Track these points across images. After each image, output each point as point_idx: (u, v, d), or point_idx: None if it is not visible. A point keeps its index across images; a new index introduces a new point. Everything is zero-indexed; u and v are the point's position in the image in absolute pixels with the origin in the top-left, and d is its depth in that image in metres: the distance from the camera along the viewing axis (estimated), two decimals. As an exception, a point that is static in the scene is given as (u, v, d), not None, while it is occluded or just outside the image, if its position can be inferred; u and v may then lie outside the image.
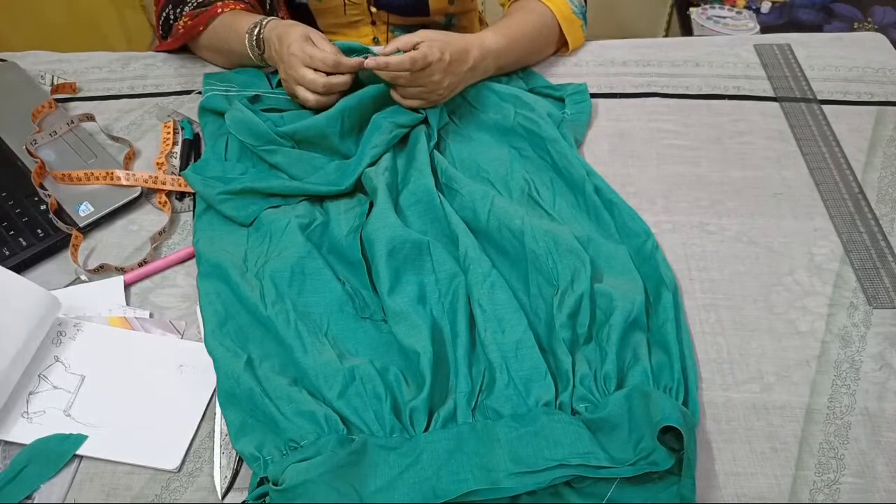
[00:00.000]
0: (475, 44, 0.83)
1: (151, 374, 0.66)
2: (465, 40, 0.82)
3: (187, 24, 0.92)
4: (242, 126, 0.81)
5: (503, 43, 0.87)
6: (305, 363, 0.62)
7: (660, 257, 0.71)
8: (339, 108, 0.80)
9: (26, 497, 0.58)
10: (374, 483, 0.56)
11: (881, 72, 0.95)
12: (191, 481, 0.60)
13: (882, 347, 0.67)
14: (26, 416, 0.63)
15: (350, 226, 0.74)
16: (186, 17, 0.93)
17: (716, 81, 0.94)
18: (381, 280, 0.68)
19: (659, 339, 0.65)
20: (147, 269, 0.74)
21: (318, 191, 0.78)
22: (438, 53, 0.77)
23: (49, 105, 0.90)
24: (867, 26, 1.70)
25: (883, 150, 0.85)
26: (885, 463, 0.60)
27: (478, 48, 0.83)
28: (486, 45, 0.85)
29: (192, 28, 0.92)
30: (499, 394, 0.61)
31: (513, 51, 0.89)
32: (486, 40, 0.85)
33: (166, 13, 0.95)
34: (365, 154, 0.78)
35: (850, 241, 0.75)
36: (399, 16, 1.03)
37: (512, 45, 0.88)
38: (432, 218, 0.75)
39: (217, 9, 0.90)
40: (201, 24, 0.91)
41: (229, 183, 0.77)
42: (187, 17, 0.93)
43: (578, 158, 0.80)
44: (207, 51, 0.96)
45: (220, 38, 0.91)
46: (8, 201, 0.80)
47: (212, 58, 0.97)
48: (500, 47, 0.87)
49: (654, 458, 0.55)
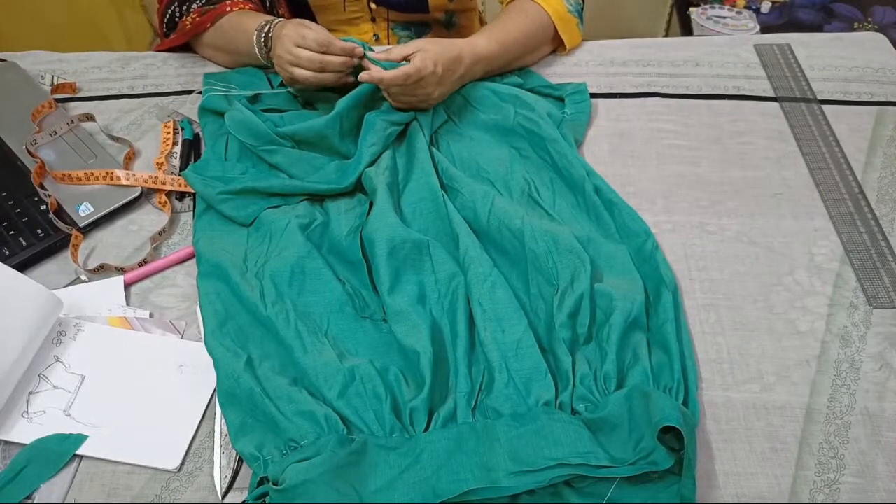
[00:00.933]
0: (467, 51, 0.84)
1: (151, 374, 0.66)
2: (457, 48, 0.83)
3: (195, 21, 0.93)
4: (242, 126, 0.81)
5: (494, 49, 0.88)
6: (305, 363, 0.62)
7: (660, 257, 0.71)
8: (337, 110, 0.81)
9: (26, 497, 0.58)
10: (374, 483, 0.56)
11: (881, 72, 0.95)
12: (191, 481, 0.60)
13: (882, 347, 0.67)
14: (26, 416, 0.63)
15: (350, 226, 0.74)
16: (195, 13, 0.93)
17: (716, 81, 0.94)
18: (382, 279, 0.68)
19: (659, 339, 0.65)
20: (147, 269, 0.74)
21: (318, 189, 0.78)
22: (432, 66, 0.78)
23: (49, 105, 0.90)
24: (867, 26, 1.70)
25: (883, 150, 0.85)
26: (885, 463, 0.60)
27: (469, 55, 0.84)
28: (478, 52, 0.86)
29: (199, 24, 0.92)
30: (499, 393, 0.61)
31: (503, 56, 0.90)
32: (477, 47, 0.86)
33: (171, 10, 0.95)
34: (364, 153, 0.79)
35: (850, 241, 0.75)
36: (399, 12, 1.03)
37: (503, 51, 0.89)
38: (434, 217, 0.75)
39: (226, 7, 0.91)
40: (209, 20, 0.92)
41: (229, 183, 0.77)
42: (195, 14, 0.93)
43: (578, 158, 0.80)
44: (210, 49, 0.96)
45: (226, 35, 0.92)
46: (8, 201, 0.80)
47: (213, 56, 0.97)
48: (492, 54, 0.87)
49: (654, 458, 0.55)
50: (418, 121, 0.84)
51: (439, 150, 0.83)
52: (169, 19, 0.97)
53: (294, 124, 0.82)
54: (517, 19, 0.92)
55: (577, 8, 0.96)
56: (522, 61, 0.94)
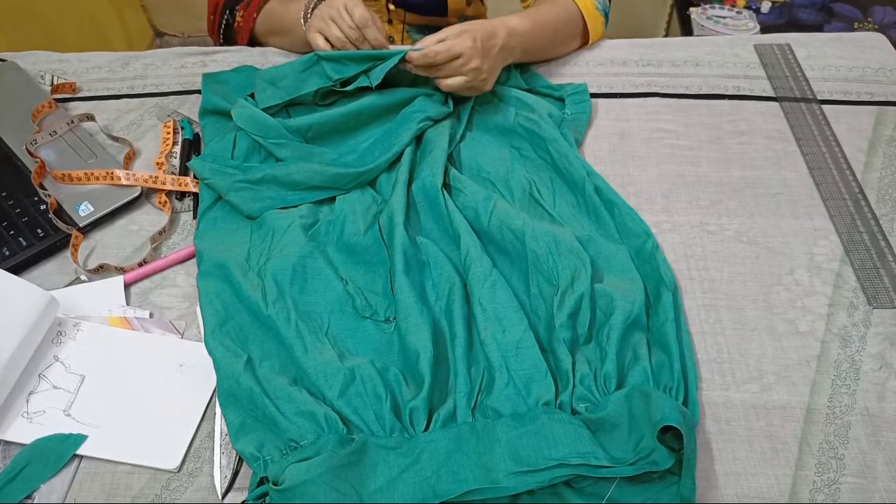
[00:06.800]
0: (499, 25, 0.84)
1: (151, 374, 0.66)
2: (489, 23, 0.83)
3: (244, 17, 0.97)
4: (251, 120, 0.81)
5: (528, 26, 0.87)
6: (306, 363, 0.62)
7: (660, 257, 0.71)
8: (353, 106, 0.81)
9: (26, 497, 0.58)
10: (374, 483, 0.56)
11: (881, 72, 0.95)
12: (191, 481, 0.60)
13: (882, 347, 0.67)
14: (26, 416, 0.63)
15: (367, 225, 0.74)
16: (239, 10, 0.99)
17: (716, 81, 0.94)
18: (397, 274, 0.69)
19: (659, 338, 0.65)
20: (147, 269, 0.74)
21: (335, 172, 0.77)
22: (470, 41, 0.78)
23: (49, 105, 0.90)
24: (867, 26, 1.70)
25: (883, 150, 0.85)
26: (885, 463, 0.60)
27: (503, 28, 0.84)
28: (511, 25, 0.85)
29: (248, 18, 0.97)
30: (498, 393, 0.61)
31: (539, 36, 0.90)
32: (509, 22, 0.86)
33: (225, 20, 1.00)
34: (392, 143, 0.79)
35: (850, 241, 0.75)
36: (417, 14, 1.04)
37: (536, 28, 0.89)
38: (435, 216, 0.75)
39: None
40: (254, 10, 0.96)
41: (247, 172, 0.77)
42: (241, 11, 0.99)
43: (579, 158, 0.80)
44: (265, 36, 1.00)
45: (274, 15, 0.96)
46: (8, 201, 0.80)
47: (272, 41, 1.01)
48: (526, 30, 0.87)
49: (653, 458, 0.55)
50: (453, 114, 0.84)
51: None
52: (225, 30, 1.01)
53: (303, 118, 0.82)
54: (548, 7, 0.92)
55: (605, 9, 0.97)
56: (556, 50, 0.95)
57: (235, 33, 1.01)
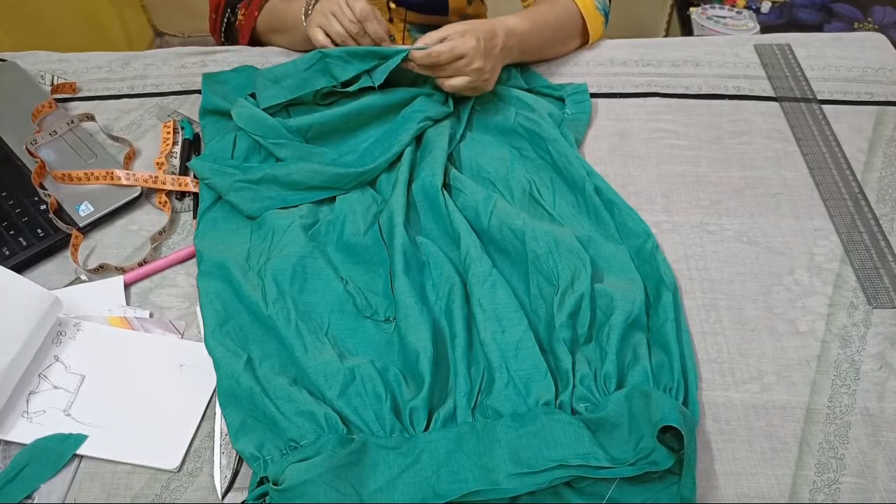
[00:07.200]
0: (498, 25, 0.84)
1: (151, 374, 0.66)
2: (489, 22, 0.83)
3: (245, 15, 0.98)
4: (251, 120, 0.81)
5: (527, 25, 0.88)
6: (306, 363, 0.62)
7: (660, 257, 0.71)
8: (353, 106, 0.81)
9: (26, 497, 0.58)
10: (374, 483, 0.56)
11: (881, 72, 0.95)
12: (191, 481, 0.60)
13: (882, 347, 0.67)
14: (26, 416, 0.63)
15: (367, 225, 0.74)
16: (241, 8, 0.99)
17: (716, 81, 0.94)
18: (397, 274, 0.69)
19: (659, 339, 0.65)
20: (147, 269, 0.74)
21: (336, 172, 0.77)
22: (473, 40, 0.78)
23: (49, 105, 0.90)
24: (867, 26, 1.70)
25: (883, 150, 0.85)
26: (885, 463, 0.60)
27: (502, 28, 0.84)
28: (510, 25, 0.85)
29: (250, 16, 0.97)
30: (498, 393, 0.61)
31: (537, 36, 0.90)
32: (508, 21, 0.86)
33: (227, 18, 1.00)
34: (392, 143, 0.79)
35: (850, 241, 0.75)
36: (417, 13, 1.04)
37: (534, 28, 0.89)
38: (435, 216, 0.75)
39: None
40: (255, 8, 0.97)
41: (247, 171, 0.77)
42: (242, 9, 0.99)
43: (579, 158, 0.80)
44: (267, 34, 1.00)
45: (275, 12, 0.96)
46: (8, 201, 0.80)
47: (273, 40, 1.01)
48: (524, 30, 0.87)
49: (654, 458, 0.55)
50: (453, 114, 0.84)
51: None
52: (227, 28, 1.01)
53: (303, 118, 0.82)
54: (548, 7, 0.93)
55: (605, 9, 0.97)
56: (555, 50, 0.95)
57: (237, 32, 1.01)
